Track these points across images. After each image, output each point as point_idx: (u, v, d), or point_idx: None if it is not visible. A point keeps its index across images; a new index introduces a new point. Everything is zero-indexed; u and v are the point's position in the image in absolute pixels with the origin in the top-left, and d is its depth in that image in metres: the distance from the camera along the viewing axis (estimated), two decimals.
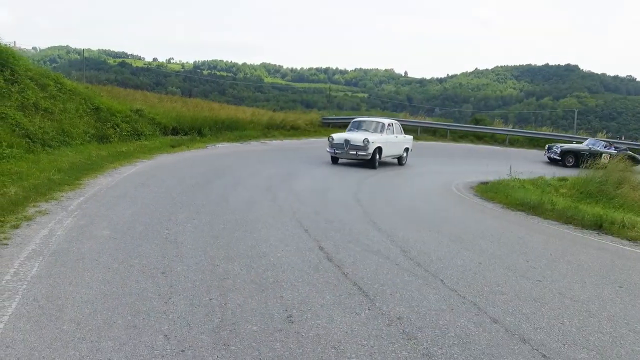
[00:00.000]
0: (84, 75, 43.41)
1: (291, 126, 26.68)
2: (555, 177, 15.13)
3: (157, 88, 64.86)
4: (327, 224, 7.72)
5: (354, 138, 16.04)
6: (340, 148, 16.08)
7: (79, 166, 11.29)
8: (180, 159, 15.09)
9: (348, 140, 15.99)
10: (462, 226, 8.38)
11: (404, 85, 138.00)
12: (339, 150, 16.10)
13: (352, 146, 15.87)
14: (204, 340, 3.64)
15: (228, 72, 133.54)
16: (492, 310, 4.54)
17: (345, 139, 16.05)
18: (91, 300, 4.23)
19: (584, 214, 9.43)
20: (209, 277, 4.99)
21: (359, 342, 3.74)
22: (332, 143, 16.36)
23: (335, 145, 16.22)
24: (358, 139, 15.93)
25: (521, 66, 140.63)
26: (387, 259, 5.95)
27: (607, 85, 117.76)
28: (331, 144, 16.36)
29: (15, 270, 4.85)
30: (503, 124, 36.19)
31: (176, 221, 7.24)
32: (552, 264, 6.32)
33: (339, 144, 16.14)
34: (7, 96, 13.03)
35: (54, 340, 3.51)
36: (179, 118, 21.19)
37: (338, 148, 16.14)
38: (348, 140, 15.98)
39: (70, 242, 5.89)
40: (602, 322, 4.47)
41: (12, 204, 7.30)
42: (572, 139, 30.26)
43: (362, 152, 15.77)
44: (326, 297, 4.62)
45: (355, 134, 16.52)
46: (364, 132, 16.63)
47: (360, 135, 16.28)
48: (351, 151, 15.87)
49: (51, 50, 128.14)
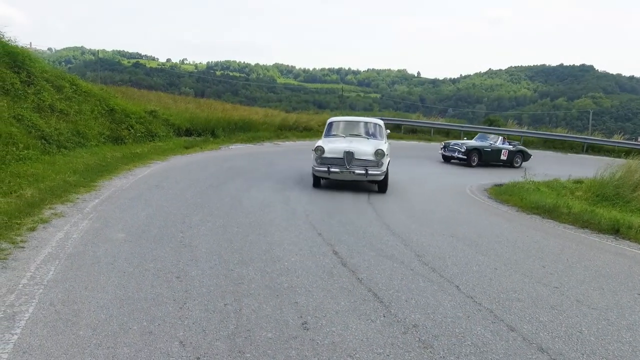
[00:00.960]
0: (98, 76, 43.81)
1: (304, 127, 26.67)
2: (571, 180, 14.96)
3: (170, 89, 65.24)
4: (340, 227, 7.70)
5: (360, 150, 11.32)
6: (337, 165, 11.22)
7: (94, 168, 11.36)
8: (193, 160, 15.14)
9: (351, 152, 11.18)
10: (477, 230, 8.32)
11: (416, 86, 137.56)
12: (336, 168, 11.19)
13: (358, 161, 11.24)
14: (219, 347, 3.64)
15: (241, 73, 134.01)
16: (508, 318, 4.49)
17: (347, 151, 11.19)
18: (107, 305, 4.25)
19: (601, 218, 9.31)
20: (224, 281, 4.99)
21: (374, 351, 3.72)
22: (321, 158, 11.31)
23: (329, 161, 11.26)
24: (366, 151, 11.30)
25: (535, 66, 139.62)
26: (401, 264, 5.91)
27: (622, 86, 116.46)
28: (320, 158, 11.32)
29: (32, 274, 4.88)
30: (517, 124, 35.90)
31: (190, 224, 7.25)
32: (569, 270, 6.25)
33: (336, 158, 11.25)
34: (24, 98, 13.15)
35: (70, 347, 3.52)
36: (192, 119, 21.28)
37: (334, 165, 11.22)
38: (351, 153, 11.17)
39: (86, 245, 5.92)
40: (622, 330, 4.40)
41: (29, 206, 7.36)
42: (584, 140, 29.98)
43: (374, 171, 11.19)
44: (341, 303, 4.60)
45: (356, 143, 11.74)
46: (360, 140, 12.11)
47: (366, 144, 11.73)
48: (357, 169, 11.18)
49: (66, 51, 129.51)
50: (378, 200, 10.44)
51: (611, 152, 28.36)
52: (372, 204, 10.02)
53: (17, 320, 3.87)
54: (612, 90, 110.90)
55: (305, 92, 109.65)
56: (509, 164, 20.49)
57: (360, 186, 11.84)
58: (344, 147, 11.44)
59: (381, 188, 11.69)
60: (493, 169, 19.00)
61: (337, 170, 11.23)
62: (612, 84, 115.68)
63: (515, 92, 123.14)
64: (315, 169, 11.45)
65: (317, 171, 11.44)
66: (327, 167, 11.23)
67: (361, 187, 11.82)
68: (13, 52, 14.23)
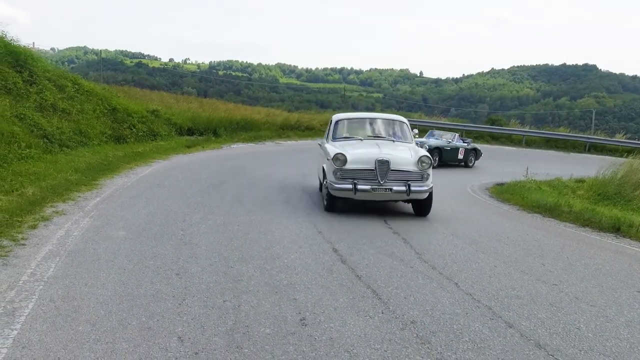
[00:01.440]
0: (101, 75, 43.93)
1: (306, 127, 26.72)
2: (572, 179, 14.95)
3: (173, 88, 65.26)
4: (340, 225, 7.71)
5: (398, 157, 8.41)
6: (366, 180, 8.20)
7: (95, 166, 11.41)
8: (195, 159, 15.18)
9: (386, 161, 8.19)
10: (477, 228, 8.32)
11: (419, 86, 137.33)
12: (366, 184, 8.15)
13: (396, 174, 8.24)
14: (217, 342, 3.66)
15: (243, 73, 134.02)
16: (507, 315, 4.50)
17: (380, 159, 8.19)
18: (106, 302, 4.27)
19: (602, 216, 9.30)
20: (223, 278, 5.01)
21: (372, 346, 3.73)
22: (342, 170, 8.24)
23: (354, 175, 8.23)
24: (406, 159, 8.46)
25: (538, 66, 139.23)
26: (401, 262, 5.93)
27: (625, 85, 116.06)
28: (341, 171, 8.24)
29: (32, 271, 4.91)
30: (519, 124, 35.85)
31: (191, 222, 7.28)
32: (568, 268, 6.25)
33: (364, 170, 8.23)
34: (26, 97, 13.21)
35: (69, 342, 3.55)
36: (194, 118, 21.33)
37: (363, 180, 8.19)
38: (386, 162, 8.18)
39: (87, 243, 5.95)
40: (620, 327, 4.41)
41: (30, 204, 7.40)
42: (587, 140, 29.91)
43: (418, 186, 8.30)
44: (340, 299, 4.61)
45: (387, 148, 8.76)
46: (387, 144, 9.09)
47: (401, 150, 8.84)
48: (396, 185, 8.18)
49: (69, 51, 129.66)
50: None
51: (614, 151, 28.31)
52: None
53: (17, 316, 3.90)
54: (615, 89, 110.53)
55: (307, 92, 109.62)
56: (464, 163, 19.11)
57: None
58: (374, 153, 8.36)
59: (423, 209, 8.78)
60: (494, 168, 18.89)
61: (367, 187, 8.11)
62: (615, 84, 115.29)
63: (517, 91, 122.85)
64: (334, 186, 8.21)
65: (337, 190, 8.21)
66: (353, 183, 8.10)
67: None
68: (15, 51, 14.29)
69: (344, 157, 8.30)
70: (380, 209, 9.23)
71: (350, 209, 8.88)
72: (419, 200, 8.65)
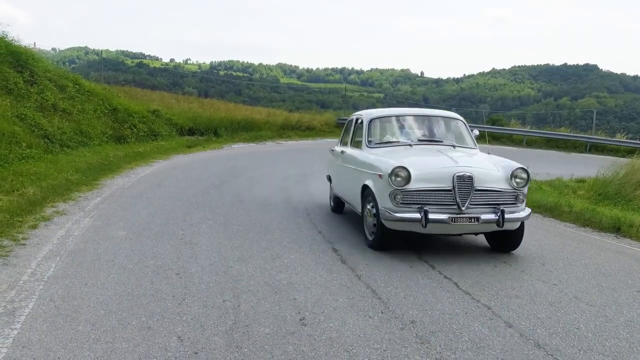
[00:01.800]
0: (102, 76, 43.95)
1: (306, 127, 26.73)
2: (573, 179, 14.94)
3: (174, 88, 65.34)
4: (340, 225, 7.72)
5: (481, 171, 5.98)
6: (441, 205, 5.80)
7: (96, 166, 11.43)
8: (196, 159, 15.19)
9: (469, 176, 5.78)
10: None
11: (420, 86, 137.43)
12: (441, 213, 5.76)
13: (482, 195, 5.89)
14: (217, 342, 3.66)
15: (244, 73, 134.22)
16: (506, 315, 4.50)
17: (460, 174, 5.77)
18: (106, 301, 4.28)
19: (602, 216, 9.29)
20: (223, 278, 5.01)
21: (371, 346, 3.74)
22: (404, 192, 5.79)
23: (421, 197, 5.82)
24: (493, 174, 6.03)
25: (539, 66, 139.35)
26: (401, 262, 5.93)
27: (626, 85, 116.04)
28: (402, 193, 5.80)
29: (33, 271, 4.93)
30: (520, 124, 35.83)
31: (191, 222, 7.29)
32: (568, 268, 6.25)
33: (438, 190, 5.80)
34: (27, 97, 13.23)
35: (69, 341, 3.56)
36: (195, 118, 21.38)
37: (436, 205, 5.79)
38: (469, 178, 5.78)
39: (87, 243, 5.97)
40: (619, 327, 4.41)
41: (31, 204, 7.41)
42: (588, 140, 29.88)
43: (513, 213, 5.98)
44: (339, 299, 4.62)
45: (463, 158, 6.35)
46: (454, 152, 6.62)
47: (481, 161, 6.45)
48: (484, 213, 5.85)
49: (70, 51, 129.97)
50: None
51: (615, 151, 28.25)
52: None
53: (17, 316, 3.91)
54: (616, 89, 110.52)
55: (308, 92, 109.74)
56: None
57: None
58: (449, 166, 5.97)
59: (510, 242, 6.52)
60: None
61: (444, 217, 5.75)
62: (616, 84, 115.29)
63: (518, 91, 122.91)
64: (392, 214, 5.84)
65: (396, 220, 5.86)
66: (422, 210, 5.70)
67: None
68: (16, 51, 14.32)
69: (407, 173, 5.82)
70: None
71: (348, 210, 8.89)
72: (513, 229, 6.24)
